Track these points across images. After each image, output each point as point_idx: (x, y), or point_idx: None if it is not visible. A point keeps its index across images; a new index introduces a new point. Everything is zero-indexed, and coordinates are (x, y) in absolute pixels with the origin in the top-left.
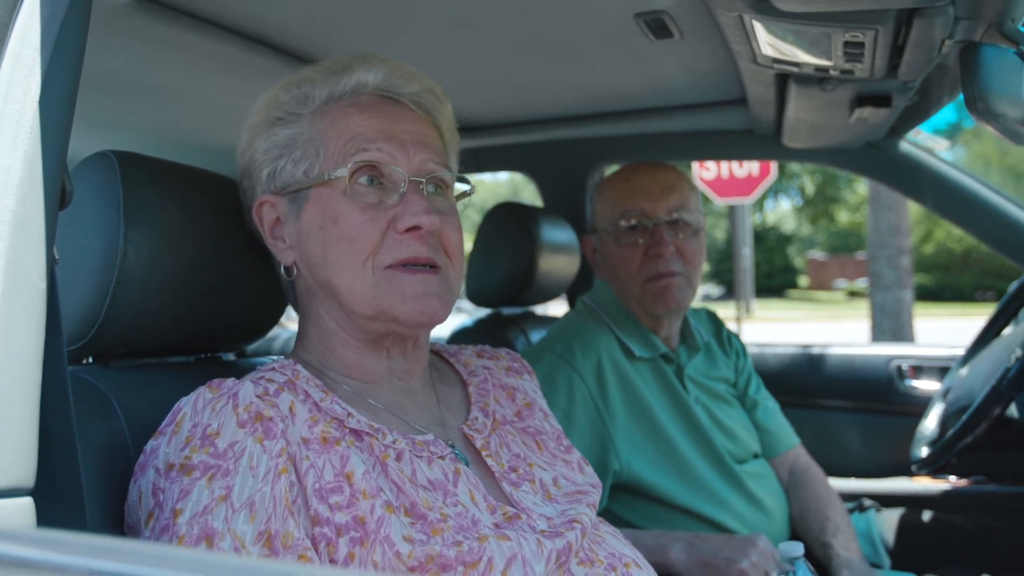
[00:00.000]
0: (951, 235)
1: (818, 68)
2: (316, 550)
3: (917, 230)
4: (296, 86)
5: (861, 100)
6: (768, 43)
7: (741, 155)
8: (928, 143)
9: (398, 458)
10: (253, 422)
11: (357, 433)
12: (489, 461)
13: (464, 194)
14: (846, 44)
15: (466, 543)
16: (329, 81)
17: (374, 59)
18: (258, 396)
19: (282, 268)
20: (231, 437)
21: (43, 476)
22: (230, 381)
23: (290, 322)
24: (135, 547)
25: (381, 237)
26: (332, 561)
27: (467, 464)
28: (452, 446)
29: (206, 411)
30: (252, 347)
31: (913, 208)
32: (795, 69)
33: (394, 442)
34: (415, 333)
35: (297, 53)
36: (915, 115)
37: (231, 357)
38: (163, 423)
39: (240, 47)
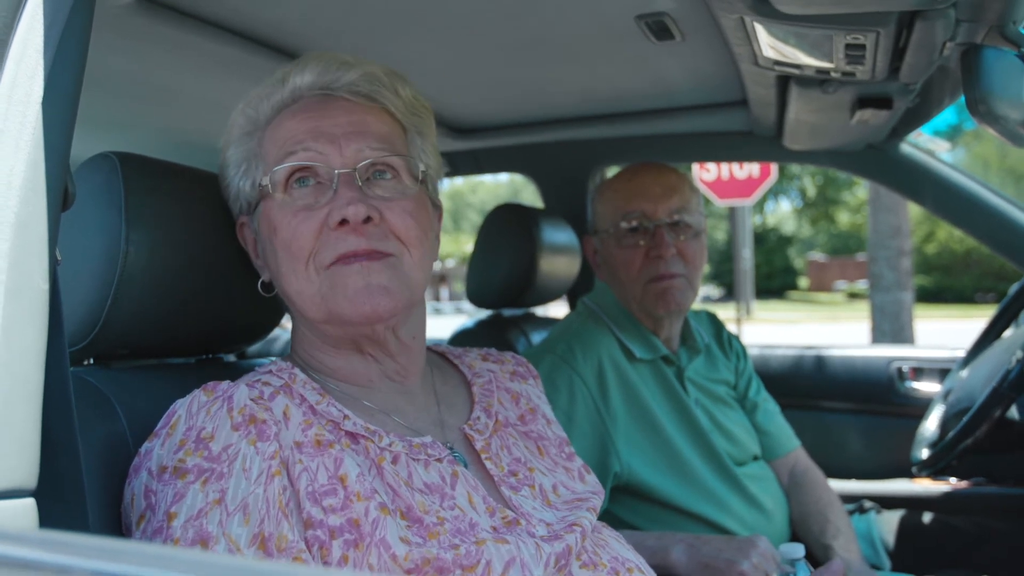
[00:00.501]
0: (953, 235)
1: (819, 70)
2: (309, 553)
3: (919, 230)
4: (250, 106)
5: (862, 102)
6: (769, 45)
7: (742, 157)
8: (929, 145)
9: (394, 461)
10: (247, 425)
11: (353, 436)
12: (488, 464)
13: (424, 174)
14: (847, 46)
15: (463, 546)
16: (272, 94)
17: (308, 58)
18: (252, 399)
19: (259, 284)
20: (225, 440)
21: (45, 477)
22: (225, 384)
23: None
24: (137, 548)
25: (315, 236)
26: (325, 564)
27: (466, 466)
28: (451, 448)
29: (201, 414)
30: (253, 348)
31: (915, 208)
32: (796, 71)
33: (390, 445)
34: (367, 331)
35: (298, 54)
36: (916, 117)
37: (232, 358)
38: (158, 425)
39: (242, 48)
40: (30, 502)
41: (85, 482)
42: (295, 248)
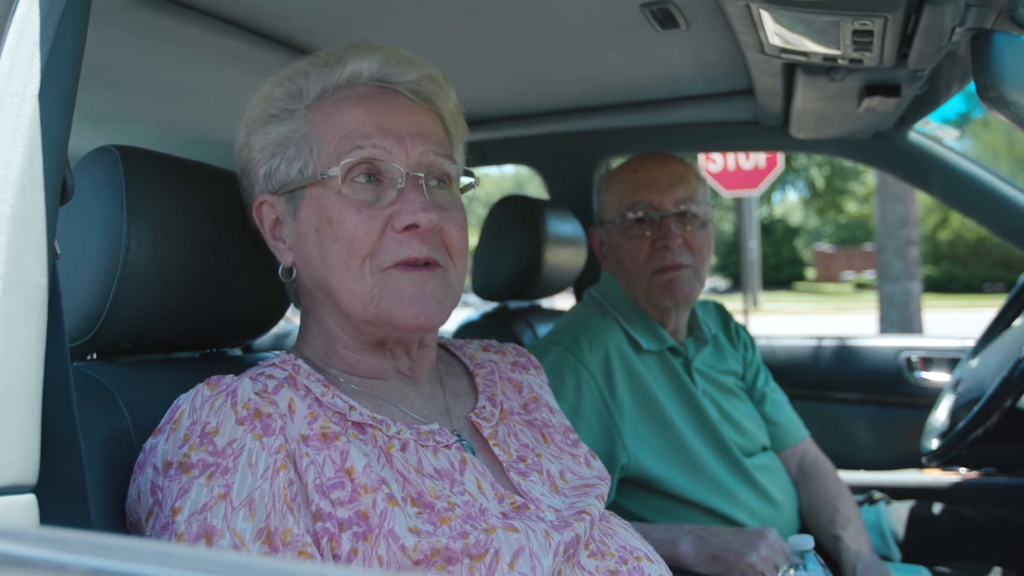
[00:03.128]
0: (966, 223)
1: (826, 57)
2: (319, 546)
3: (931, 219)
4: (289, 80)
5: (870, 90)
6: (775, 32)
7: (748, 146)
8: (937, 133)
9: (403, 448)
10: (252, 419)
11: (360, 426)
12: (496, 451)
13: (469, 186)
14: (855, 33)
15: (473, 535)
16: (322, 73)
17: (368, 47)
18: (256, 393)
19: (281, 269)
20: (230, 435)
21: (46, 473)
22: (228, 378)
23: (296, 317)
24: (136, 545)
25: (378, 237)
26: (335, 556)
27: (473, 453)
28: (458, 435)
29: (204, 408)
30: (263, 343)
31: (925, 197)
32: (803, 59)
33: (398, 432)
34: (413, 337)
35: (301, 46)
36: (924, 104)
37: (237, 352)
38: (162, 421)
39: (244, 40)
40: (30, 498)
41: (88, 478)
42: (356, 246)
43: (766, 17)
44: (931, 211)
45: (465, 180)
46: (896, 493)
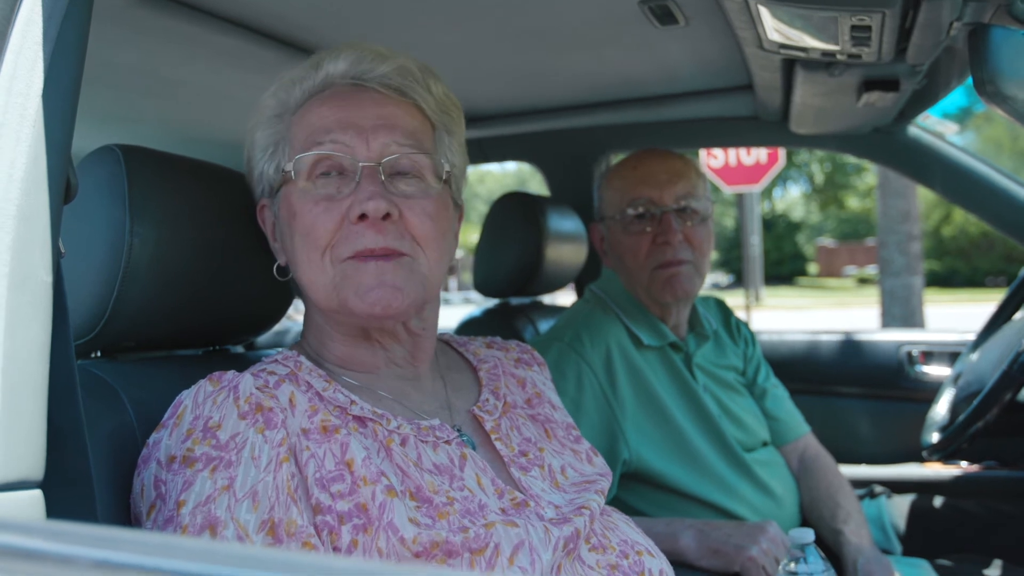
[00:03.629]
0: (969, 218)
1: (825, 53)
2: (319, 538)
3: (934, 214)
4: (281, 89)
5: (869, 84)
6: (774, 28)
7: (748, 142)
8: (937, 127)
9: (403, 443)
10: (254, 413)
11: (360, 420)
12: (498, 445)
13: (449, 175)
14: (853, 28)
15: (472, 529)
16: (304, 79)
17: (344, 47)
18: (258, 388)
19: (275, 268)
20: (233, 429)
21: (52, 468)
22: (230, 374)
23: (299, 315)
24: (140, 537)
25: (336, 228)
26: (335, 549)
27: (474, 448)
28: (459, 430)
29: (207, 404)
30: (264, 340)
31: (928, 192)
32: (802, 54)
33: (398, 427)
34: (375, 325)
35: (302, 45)
36: (924, 99)
37: (239, 350)
38: (165, 416)
39: (246, 39)
40: (37, 493)
41: (94, 474)
42: (313, 238)
43: (764, 13)
44: (934, 206)
45: (447, 167)
46: (897, 487)
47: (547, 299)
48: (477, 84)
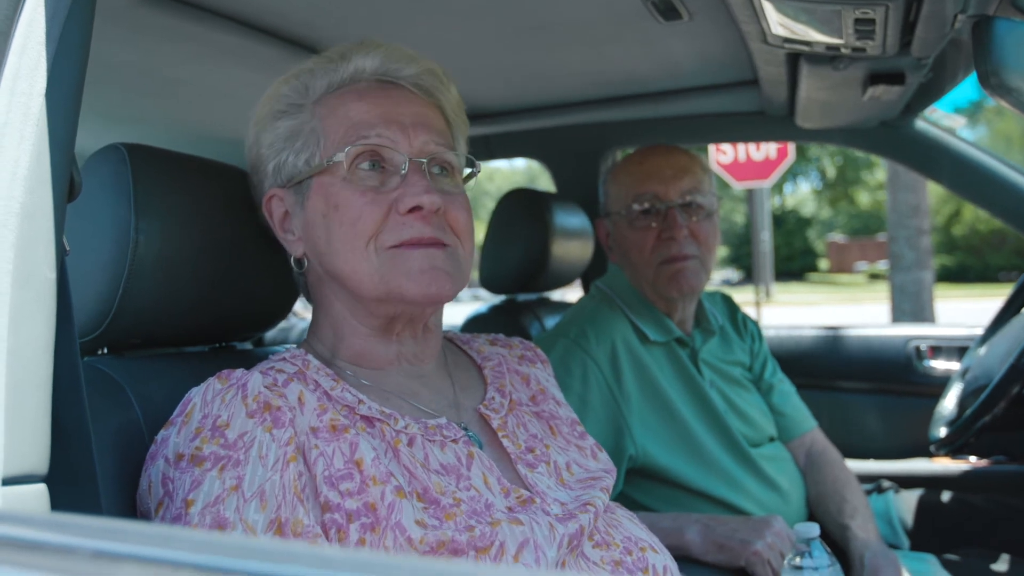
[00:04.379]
0: (979, 216)
1: (829, 46)
2: (327, 537)
3: (944, 210)
4: (296, 78)
5: (874, 78)
6: (778, 22)
7: (754, 136)
8: (946, 122)
9: (410, 443)
10: (262, 412)
11: (368, 419)
12: (505, 442)
13: (471, 176)
14: (857, 21)
15: (478, 528)
16: (328, 70)
17: (371, 44)
18: (266, 386)
19: (292, 260)
20: (241, 428)
21: (56, 463)
22: (239, 371)
23: (307, 312)
24: (143, 529)
25: (383, 219)
26: (343, 547)
27: (481, 447)
28: (466, 429)
29: (216, 402)
30: (269, 336)
31: (939, 188)
32: (806, 48)
33: (406, 427)
34: (424, 311)
35: (305, 43)
36: (930, 92)
37: (247, 346)
38: (174, 413)
39: (249, 38)
40: (41, 487)
41: (100, 470)
42: (361, 226)
43: (768, 7)
44: (945, 201)
45: (468, 170)
46: (905, 482)
47: (556, 295)
48: (481, 81)
